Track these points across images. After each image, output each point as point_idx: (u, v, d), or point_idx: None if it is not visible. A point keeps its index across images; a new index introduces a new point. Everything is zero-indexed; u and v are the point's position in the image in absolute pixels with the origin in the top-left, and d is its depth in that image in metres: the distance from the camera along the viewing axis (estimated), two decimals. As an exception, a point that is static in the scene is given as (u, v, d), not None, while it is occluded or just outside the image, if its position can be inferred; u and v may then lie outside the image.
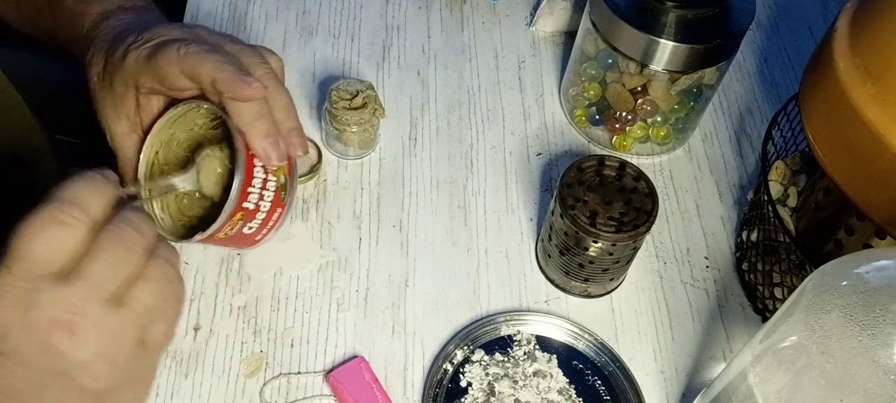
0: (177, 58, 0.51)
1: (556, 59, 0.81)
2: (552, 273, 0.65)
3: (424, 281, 0.65)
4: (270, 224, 0.57)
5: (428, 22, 0.83)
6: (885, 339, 0.38)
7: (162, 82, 0.53)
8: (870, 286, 0.40)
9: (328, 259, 0.65)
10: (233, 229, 0.54)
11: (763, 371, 0.45)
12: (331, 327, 0.62)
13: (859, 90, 0.49)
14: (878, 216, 0.50)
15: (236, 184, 0.52)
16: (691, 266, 0.67)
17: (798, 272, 0.58)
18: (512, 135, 0.75)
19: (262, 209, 0.56)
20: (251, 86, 0.51)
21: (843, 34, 0.51)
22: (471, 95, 0.77)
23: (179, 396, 0.58)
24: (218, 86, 0.51)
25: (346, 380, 0.57)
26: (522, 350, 0.61)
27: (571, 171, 0.60)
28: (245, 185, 0.53)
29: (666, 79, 0.67)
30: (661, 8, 0.64)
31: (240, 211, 0.53)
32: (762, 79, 0.81)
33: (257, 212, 0.55)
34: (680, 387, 0.61)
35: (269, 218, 0.57)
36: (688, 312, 0.65)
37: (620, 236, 0.58)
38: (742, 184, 0.73)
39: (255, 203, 0.55)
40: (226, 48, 0.54)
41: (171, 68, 0.51)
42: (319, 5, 0.83)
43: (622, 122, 0.72)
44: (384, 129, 0.74)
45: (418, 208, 0.69)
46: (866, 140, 0.48)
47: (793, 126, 0.65)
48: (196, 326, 0.61)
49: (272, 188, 0.56)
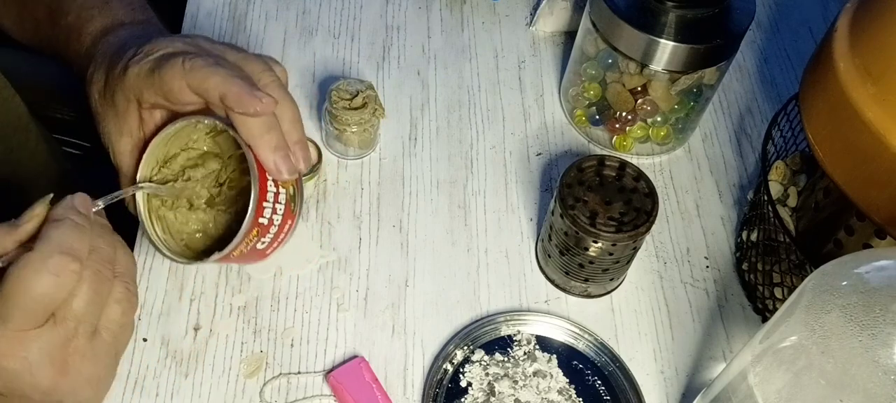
0: (182, 72, 0.50)
1: (556, 59, 0.81)
2: (552, 273, 0.65)
3: (424, 281, 0.65)
4: (281, 236, 0.58)
5: (428, 22, 0.83)
6: (885, 339, 0.38)
7: (167, 97, 0.52)
8: (870, 286, 0.40)
9: (328, 259, 0.65)
10: (248, 246, 0.54)
11: (763, 371, 0.45)
12: (331, 327, 0.62)
13: (859, 90, 0.49)
14: (878, 216, 0.50)
15: (253, 200, 0.52)
16: (691, 266, 0.67)
17: (798, 272, 0.58)
18: (512, 135, 0.75)
19: (274, 223, 0.56)
20: (262, 101, 0.50)
21: (843, 34, 0.51)
22: (471, 95, 0.77)
23: (179, 396, 0.58)
24: (227, 101, 0.50)
25: (346, 380, 0.57)
26: (522, 350, 0.61)
27: (571, 171, 0.60)
28: (260, 200, 0.53)
29: (666, 79, 0.67)
30: (661, 8, 0.64)
31: (256, 228, 0.53)
32: (762, 79, 0.81)
33: (270, 226, 0.55)
34: (680, 387, 0.61)
35: (281, 231, 0.57)
36: (688, 312, 0.65)
37: (620, 236, 0.58)
38: (742, 184, 0.73)
39: (268, 217, 0.54)
40: (228, 58, 0.53)
41: (176, 82, 0.51)
42: (319, 5, 0.83)
43: (622, 122, 0.72)
44: (384, 129, 0.74)
45: (418, 208, 0.69)
46: (866, 140, 0.48)
47: (793, 126, 0.65)
48: (196, 326, 0.61)
49: (283, 200, 0.55)
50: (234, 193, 0.59)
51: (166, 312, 0.61)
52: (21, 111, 0.67)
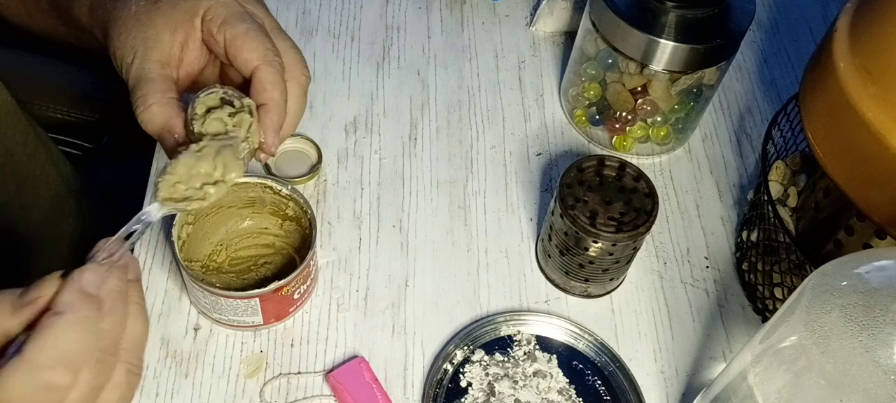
0: (264, 61, 0.52)
1: (556, 59, 0.81)
2: (552, 273, 0.65)
3: (424, 281, 0.65)
4: (306, 296, 0.62)
5: (428, 22, 0.83)
6: (885, 339, 0.38)
7: (227, 51, 0.53)
8: (870, 286, 0.40)
9: (328, 259, 0.65)
10: (289, 290, 0.59)
11: (763, 371, 0.45)
12: (331, 327, 0.62)
13: (859, 90, 0.49)
14: (878, 216, 0.50)
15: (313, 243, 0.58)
16: (691, 266, 0.67)
17: (798, 272, 0.58)
18: (512, 135, 0.75)
19: (307, 281, 0.61)
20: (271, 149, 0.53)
21: (843, 34, 0.51)
22: (471, 95, 0.77)
23: (179, 396, 0.58)
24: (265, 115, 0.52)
25: (346, 380, 0.57)
26: (522, 350, 0.61)
27: (571, 171, 0.60)
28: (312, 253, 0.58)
29: (666, 79, 0.67)
30: (661, 8, 0.64)
31: (305, 269, 0.59)
32: (762, 79, 0.81)
33: (307, 280, 0.61)
34: (680, 387, 0.61)
35: (307, 292, 0.62)
36: (688, 312, 0.65)
37: (620, 236, 0.58)
38: (742, 184, 0.73)
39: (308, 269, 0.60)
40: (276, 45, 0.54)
41: (246, 57, 0.52)
42: (319, 5, 0.83)
43: (622, 122, 0.72)
44: (384, 129, 0.74)
45: (418, 208, 0.69)
46: (866, 140, 0.48)
47: (793, 126, 0.65)
48: (196, 326, 0.61)
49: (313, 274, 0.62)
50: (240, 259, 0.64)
51: (166, 312, 0.61)
52: (17, 112, 0.66)
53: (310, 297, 0.63)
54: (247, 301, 0.57)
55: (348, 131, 0.73)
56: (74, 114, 0.89)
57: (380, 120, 0.74)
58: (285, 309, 0.60)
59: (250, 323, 0.59)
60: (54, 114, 0.88)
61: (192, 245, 0.61)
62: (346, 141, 0.73)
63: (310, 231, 0.60)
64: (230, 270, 0.62)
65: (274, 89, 0.52)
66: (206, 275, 0.61)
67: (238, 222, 0.64)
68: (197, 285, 0.57)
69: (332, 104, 0.75)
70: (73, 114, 0.89)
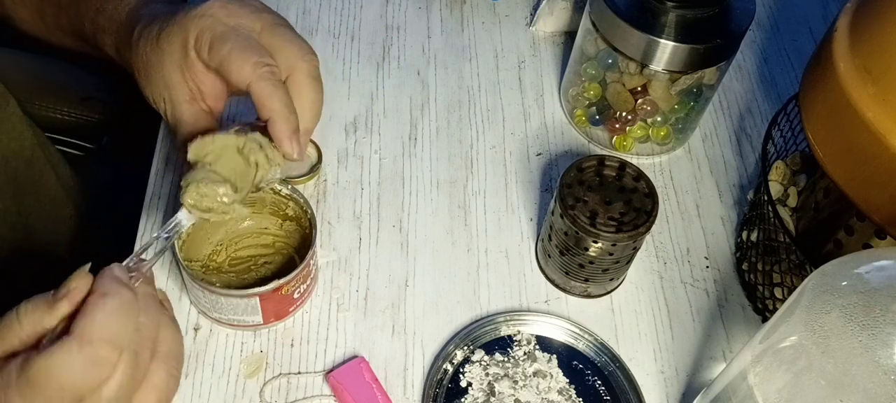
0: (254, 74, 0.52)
1: (556, 59, 0.81)
2: (552, 273, 0.65)
3: (424, 281, 0.65)
4: (306, 296, 0.62)
5: (428, 22, 0.83)
6: (885, 339, 0.38)
7: (220, 68, 0.53)
8: (870, 286, 0.40)
9: (328, 259, 0.65)
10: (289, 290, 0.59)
11: (763, 371, 0.45)
12: (331, 327, 0.62)
13: (859, 90, 0.49)
14: (878, 216, 0.50)
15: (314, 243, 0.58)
16: (691, 266, 0.67)
17: (798, 272, 0.58)
18: (512, 135, 0.75)
19: (307, 279, 0.61)
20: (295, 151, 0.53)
21: (843, 34, 0.51)
22: (471, 95, 0.77)
23: (179, 396, 0.58)
24: (272, 128, 0.52)
25: (346, 380, 0.57)
26: (522, 350, 0.61)
27: (571, 171, 0.60)
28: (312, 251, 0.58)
29: (666, 79, 0.67)
30: (661, 8, 0.64)
31: (306, 268, 0.59)
32: (762, 79, 0.81)
33: (306, 280, 0.61)
34: (680, 387, 0.61)
35: (307, 292, 0.62)
36: (688, 312, 0.65)
37: (620, 236, 0.58)
38: (742, 184, 0.73)
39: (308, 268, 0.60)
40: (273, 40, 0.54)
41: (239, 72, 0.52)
42: (319, 5, 0.83)
43: (622, 122, 0.72)
44: (384, 129, 0.74)
45: (418, 208, 0.69)
46: (866, 140, 0.48)
47: (793, 126, 0.65)
48: (196, 326, 0.61)
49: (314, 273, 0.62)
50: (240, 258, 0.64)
51: (166, 312, 0.61)
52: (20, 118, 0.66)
53: (310, 297, 0.62)
54: (247, 300, 0.57)
55: (348, 131, 0.73)
56: (75, 114, 0.89)
57: (380, 120, 0.74)
58: (285, 309, 0.60)
59: (250, 322, 0.59)
60: (55, 114, 0.88)
61: (192, 244, 0.61)
62: (346, 141, 0.73)
63: (310, 231, 0.60)
64: (230, 270, 0.62)
65: (271, 101, 0.52)
66: (206, 275, 0.61)
67: (238, 222, 0.64)
68: (197, 284, 0.57)
69: (332, 104, 0.75)
70: (73, 115, 0.89)
